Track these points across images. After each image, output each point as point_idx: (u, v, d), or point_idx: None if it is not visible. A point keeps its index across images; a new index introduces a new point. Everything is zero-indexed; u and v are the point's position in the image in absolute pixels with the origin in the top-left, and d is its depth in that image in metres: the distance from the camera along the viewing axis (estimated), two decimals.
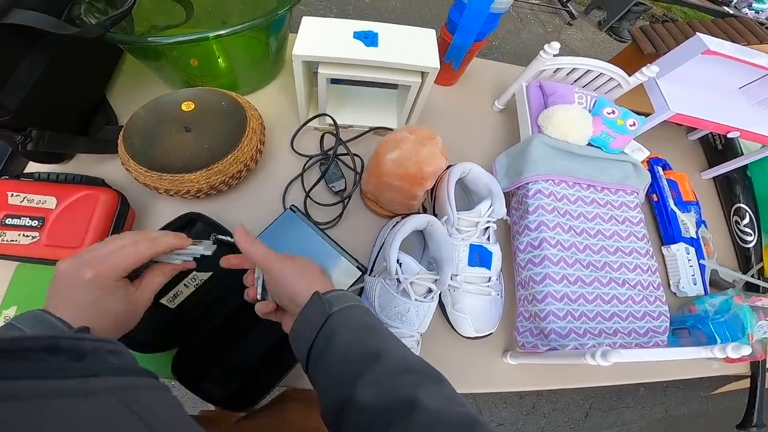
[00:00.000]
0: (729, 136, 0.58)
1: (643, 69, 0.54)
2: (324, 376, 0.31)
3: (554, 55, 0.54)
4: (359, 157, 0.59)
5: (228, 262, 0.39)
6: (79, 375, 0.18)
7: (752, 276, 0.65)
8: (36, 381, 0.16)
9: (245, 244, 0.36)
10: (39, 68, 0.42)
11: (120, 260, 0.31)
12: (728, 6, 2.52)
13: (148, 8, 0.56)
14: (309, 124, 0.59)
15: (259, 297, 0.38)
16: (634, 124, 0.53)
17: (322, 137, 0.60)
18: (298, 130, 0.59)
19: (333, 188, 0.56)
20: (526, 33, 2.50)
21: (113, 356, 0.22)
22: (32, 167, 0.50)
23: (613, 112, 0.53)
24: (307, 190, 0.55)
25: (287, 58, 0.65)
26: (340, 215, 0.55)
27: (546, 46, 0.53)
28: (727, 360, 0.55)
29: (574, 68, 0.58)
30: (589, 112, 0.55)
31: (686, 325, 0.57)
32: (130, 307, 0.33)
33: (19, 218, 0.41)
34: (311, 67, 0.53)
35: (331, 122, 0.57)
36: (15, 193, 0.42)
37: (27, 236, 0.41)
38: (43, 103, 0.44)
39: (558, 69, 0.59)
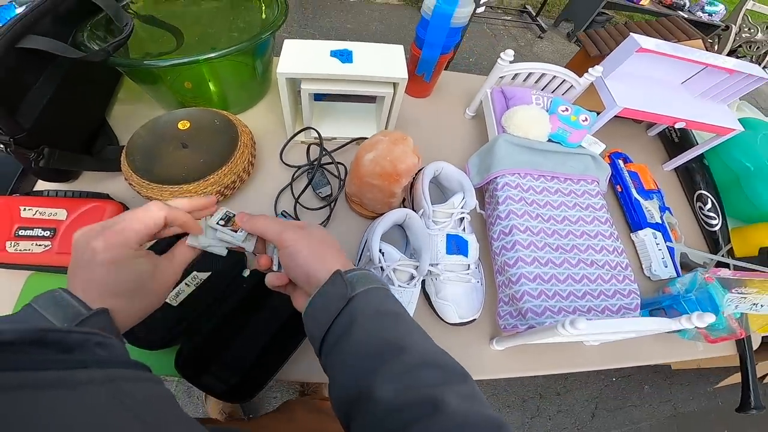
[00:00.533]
0: (676, 126, 0.64)
1: (590, 70, 0.60)
2: (339, 364, 0.29)
3: (510, 62, 0.60)
4: (343, 164, 0.64)
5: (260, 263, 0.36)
6: (67, 367, 0.18)
7: (722, 256, 0.68)
8: (23, 372, 0.16)
9: (254, 225, 0.34)
10: (49, 90, 0.45)
11: (130, 225, 0.28)
12: (683, 11, 2.70)
13: (142, 37, 0.61)
14: (296, 138, 0.64)
15: (275, 268, 0.36)
16: (586, 119, 0.58)
17: (308, 149, 0.64)
18: (286, 143, 0.64)
19: (320, 194, 0.60)
20: (501, 48, 2.63)
21: (102, 348, 0.22)
22: (40, 186, 0.53)
23: (567, 109, 0.59)
24: (296, 196, 0.59)
25: (273, 79, 0.70)
26: (328, 218, 0.58)
27: (502, 54, 0.59)
28: (709, 340, 0.57)
29: (530, 73, 0.64)
30: (547, 111, 0.60)
31: (662, 306, 0.59)
32: (155, 279, 0.30)
33: (32, 229, 0.44)
34: (295, 85, 0.58)
35: (316, 135, 0.62)
36: (27, 207, 0.45)
37: (39, 245, 0.44)
38: (53, 123, 0.47)
39: (516, 74, 0.65)
